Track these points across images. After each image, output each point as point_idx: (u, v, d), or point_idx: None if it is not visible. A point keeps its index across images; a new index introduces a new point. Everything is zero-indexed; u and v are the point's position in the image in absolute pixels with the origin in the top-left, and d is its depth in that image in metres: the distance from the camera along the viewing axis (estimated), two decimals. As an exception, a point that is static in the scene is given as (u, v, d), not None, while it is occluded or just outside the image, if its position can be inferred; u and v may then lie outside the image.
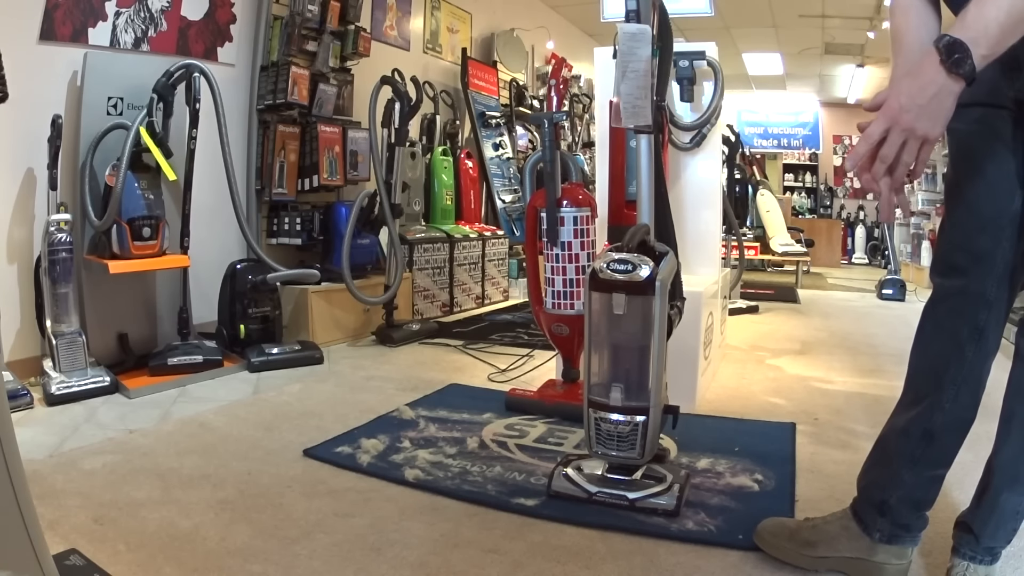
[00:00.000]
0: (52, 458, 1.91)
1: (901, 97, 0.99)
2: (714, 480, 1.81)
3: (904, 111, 0.98)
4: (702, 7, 3.03)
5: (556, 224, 2.34)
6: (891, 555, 1.30)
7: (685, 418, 1.87)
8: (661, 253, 1.65)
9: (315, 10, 3.56)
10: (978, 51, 0.97)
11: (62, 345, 2.51)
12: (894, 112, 0.99)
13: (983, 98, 1.16)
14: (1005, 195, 1.15)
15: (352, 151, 3.88)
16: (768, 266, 7.92)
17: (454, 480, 1.81)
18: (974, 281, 1.18)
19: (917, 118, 0.98)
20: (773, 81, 10.04)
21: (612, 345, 1.66)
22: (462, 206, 5.04)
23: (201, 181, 2.96)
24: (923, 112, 0.98)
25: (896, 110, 0.99)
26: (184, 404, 2.48)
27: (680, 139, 2.76)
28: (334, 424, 2.26)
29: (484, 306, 4.85)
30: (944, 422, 1.22)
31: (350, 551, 1.45)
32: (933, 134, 0.99)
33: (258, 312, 3.14)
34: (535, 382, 2.70)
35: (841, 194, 11.29)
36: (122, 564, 1.37)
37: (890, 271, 5.96)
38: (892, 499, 1.28)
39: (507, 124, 5.62)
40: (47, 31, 2.67)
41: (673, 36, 1.96)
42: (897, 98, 0.99)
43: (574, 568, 1.41)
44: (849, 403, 2.62)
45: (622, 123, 1.72)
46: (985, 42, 0.97)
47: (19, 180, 2.66)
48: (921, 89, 0.98)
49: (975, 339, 1.19)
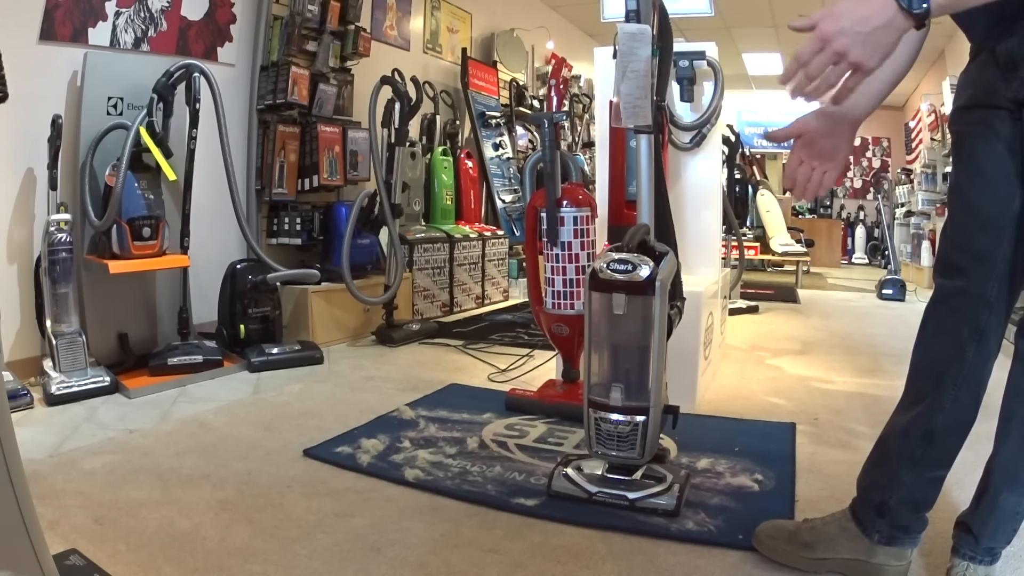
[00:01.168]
0: (52, 458, 1.91)
1: (841, 20, 0.94)
2: (714, 480, 1.81)
3: (841, 34, 0.93)
4: (702, 7, 3.04)
5: (556, 224, 2.34)
6: (890, 556, 1.30)
7: (685, 418, 1.87)
8: (661, 253, 1.65)
9: (315, 10, 3.56)
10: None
11: (62, 345, 2.51)
12: (830, 33, 0.94)
13: (982, 99, 1.16)
14: (1005, 195, 1.15)
15: (352, 151, 3.88)
16: (768, 266, 7.92)
17: (454, 480, 1.81)
18: (975, 282, 1.18)
19: (853, 44, 0.93)
20: (773, 81, 10.04)
21: (612, 345, 1.66)
22: (462, 206, 5.04)
23: (201, 181, 2.96)
24: (861, 40, 0.93)
25: (833, 31, 0.94)
26: (184, 404, 2.48)
27: (680, 139, 2.76)
28: (334, 424, 2.26)
29: (484, 306, 4.86)
30: (945, 423, 1.22)
31: (350, 551, 1.45)
32: (867, 64, 0.94)
33: (258, 312, 3.14)
34: (535, 382, 2.70)
35: (841, 194, 11.29)
36: (122, 564, 1.37)
37: (890, 271, 5.96)
38: (891, 500, 1.28)
39: (507, 124, 5.62)
40: (47, 31, 2.67)
41: (673, 36, 1.96)
42: (836, 20, 0.94)
43: (574, 568, 1.41)
44: (849, 403, 2.62)
45: (622, 123, 1.72)
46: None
47: (19, 180, 2.66)
48: (865, 18, 0.93)
49: (976, 339, 1.19)
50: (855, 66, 0.95)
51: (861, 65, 0.95)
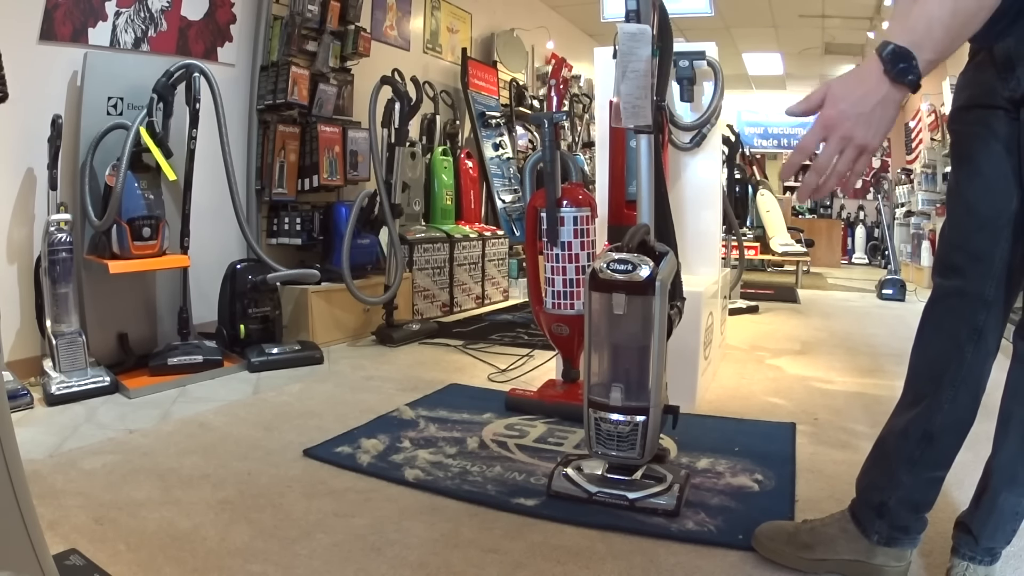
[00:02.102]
0: (52, 458, 1.91)
1: (840, 104, 0.93)
2: (714, 480, 1.81)
3: (844, 118, 0.93)
4: (702, 7, 3.03)
5: (556, 224, 2.34)
6: (890, 557, 1.30)
7: (685, 418, 1.87)
8: (661, 253, 1.65)
9: (315, 10, 3.56)
10: (923, 56, 0.93)
11: (62, 345, 2.51)
12: (832, 119, 0.93)
13: (980, 100, 1.16)
14: (1003, 195, 1.15)
15: (352, 151, 3.88)
16: (768, 266, 7.92)
17: (454, 480, 1.81)
18: (972, 281, 1.18)
19: (856, 126, 0.93)
20: (773, 81, 10.04)
21: (612, 345, 1.66)
22: (462, 206, 5.04)
23: (201, 181, 2.96)
24: (864, 120, 0.93)
25: (835, 117, 0.93)
26: (184, 404, 2.48)
27: (680, 139, 2.76)
28: (334, 424, 2.26)
29: (484, 306, 4.85)
30: (943, 423, 1.22)
31: (350, 551, 1.45)
32: (873, 144, 0.93)
33: (258, 312, 3.14)
34: (535, 382, 2.70)
35: (841, 194, 11.27)
36: (122, 564, 1.37)
37: (890, 271, 5.96)
38: (891, 501, 1.28)
39: (507, 124, 5.62)
40: (47, 31, 2.67)
41: (673, 36, 1.96)
42: (836, 105, 0.94)
43: (574, 568, 1.41)
44: (849, 403, 2.62)
45: (622, 123, 1.72)
46: (931, 46, 0.93)
47: (19, 180, 2.66)
48: (863, 97, 0.93)
49: (974, 339, 1.19)
50: (862, 148, 0.93)
51: (867, 146, 0.93)
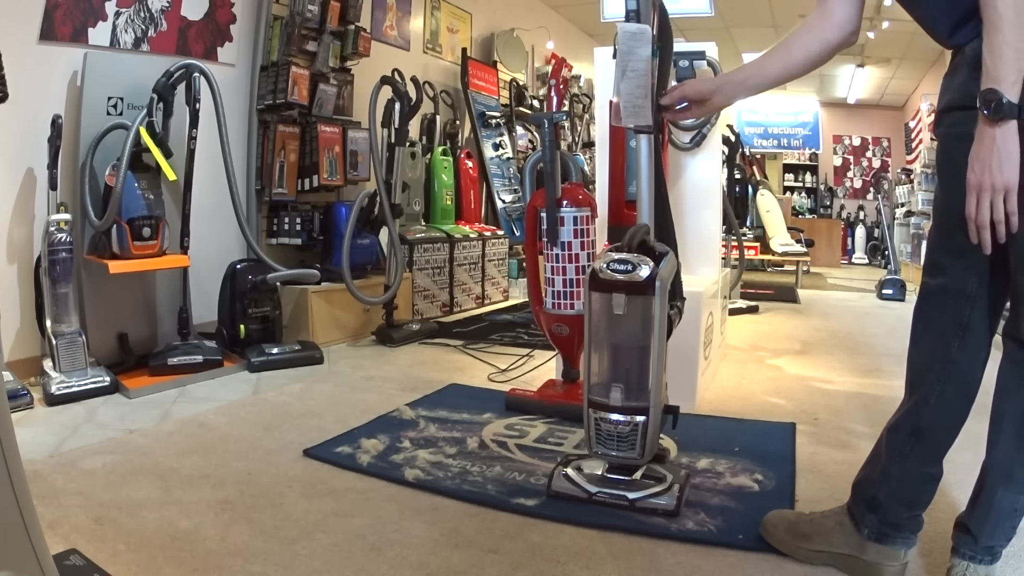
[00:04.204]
0: (52, 458, 1.91)
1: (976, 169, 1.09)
2: (714, 480, 1.81)
3: (983, 176, 1.08)
4: (702, 7, 3.03)
5: (556, 224, 2.34)
6: (881, 555, 1.31)
7: (685, 418, 1.87)
8: (661, 253, 1.65)
9: (315, 10, 3.56)
10: (1007, 83, 1.03)
11: (62, 345, 2.51)
12: (976, 184, 1.09)
13: (958, 102, 1.18)
14: None
15: (352, 151, 3.88)
16: (768, 266, 7.92)
17: (454, 480, 1.81)
18: (955, 278, 1.21)
19: (994, 175, 1.07)
20: (773, 81, 10.02)
21: (612, 345, 1.66)
22: (462, 206, 5.04)
23: (201, 181, 2.96)
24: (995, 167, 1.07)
25: (977, 183, 1.09)
26: (184, 404, 2.48)
27: (680, 139, 2.76)
28: (334, 424, 2.26)
29: (484, 306, 4.85)
30: (931, 418, 1.24)
31: (350, 551, 1.45)
32: (1012, 181, 1.07)
33: (258, 312, 3.14)
34: (535, 382, 2.70)
35: (841, 194, 11.29)
36: (122, 564, 1.37)
37: (890, 271, 5.96)
38: (881, 495, 1.30)
39: (507, 124, 5.62)
40: (47, 31, 2.67)
41: (673, 36, 1.96)
42: (975, 174, 1.09)
43: (574, 568, 1.41)
44: (849, 403, 2.62)
45: (622, 123, 1.72)
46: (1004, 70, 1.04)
47: (19, 180, 2.66)
48: (987, 151, 1.07)
49: (959, 335, 1.21)
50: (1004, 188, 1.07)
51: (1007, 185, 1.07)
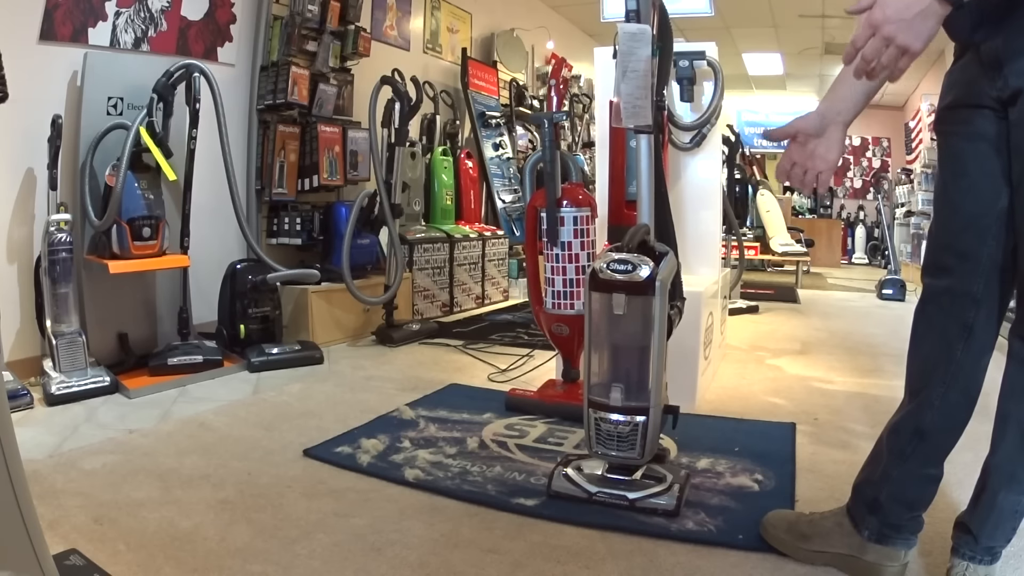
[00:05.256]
0: (52, 458, 1.91)
1: (887, 8, 1.02)
2: (714, 480, 1.81)
3: (887, 21, 1.02)
4: (702, 7, 3.03)
5: (556, 224, 2.34)
6: (882, 556, 1.30)
7: (685, 418, 1.87)
8: (661, 253, 1.65)
9: (315, 10, 3.56)
10: None
11: (62, 345, 2.51)
12: (877, 21, 1.03)
13: (966, 100, 1.17)
14: (989, 194, 1.16)
15: (352, 151, 3.88)
16: (768, 266, 7.92)
17: (454, 480, 1.81)
18: (960, 280, 1.20)
19: (899, 30, 1.01)
20: (773, 81, 10.04)
21: (612, 345, 1.66)
22: (462, 206, 5.04)
23: (201, 181, 2.96)
24: (905, 26, 1.01)
25: (879, 20, 1.03)
26: (184, 404, 2.48)
27: (680, 139, 2.76)
28: (334, 424, 2.26)
29: (484, 306, 4.85)
30: (934, 420, 1.24)
31: (350, 551, 1.45)
32: (914, 47, 1.02)
33: (258, 312, 3.14)
34: (535, 382, 2.70)
35: (841, 194, 11.30)
36: (122, 564, 1.37)
37: (890, 271, 5.96)
38: (882, 496, 1.29)
39: (507, 124, 5.61)
40: (47, 31, 2.67)
41: (673, 36, 1.96)
42: (883, 9, 1.02)
43: (574, 568, 1.41)
44: (849, 403, 2.62)
45: (622, 123, 1.72)
46: None
47: (19, 180, 2.66)
48: (908, 5, 1.01)
49: (964, 337, 1.20)
50: (902, 49, 1.02)
51: (907, 48, 1.02)
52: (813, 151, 1.27)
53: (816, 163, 1.27)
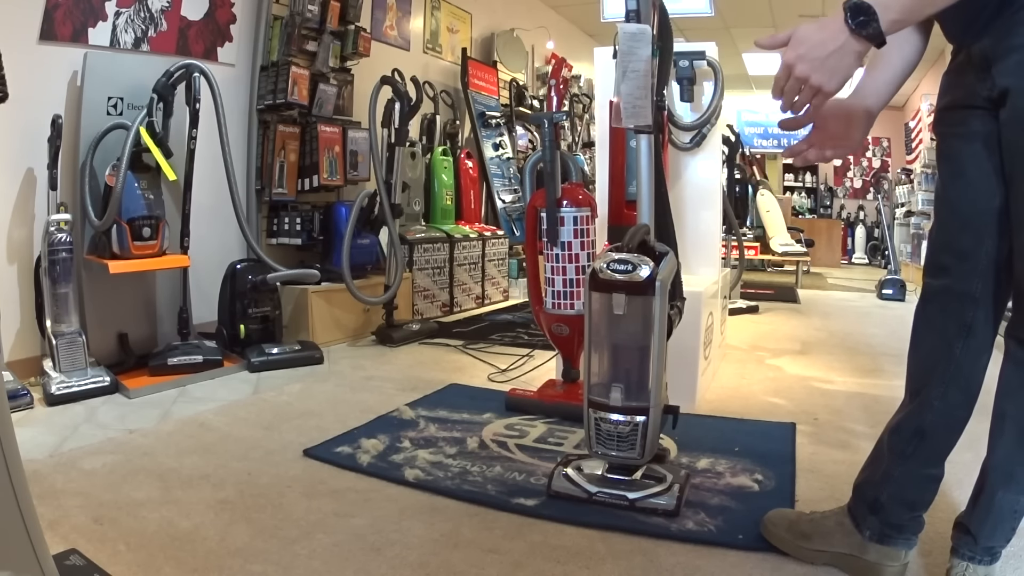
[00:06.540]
0: (52, 458, 1.91)
1: (800, 46, 1.00)
2: (714, 480, 1.81)
3: (800, 60, 1.00)
4: (702, 7, 3.04)
5: (556, 224, 2.34)
6: (883, 555, 1.30)
7: (685, 418, 1.87)
8: (661, 253, 1.65)
9: (315, 10, 3.56)
10: (888, 15, 0.98)
11: (62, 345, 2.51)
12: (790, 60, 1.01)
13: (961, 101, 1.18)
14: (985, 193, 1.17)
15: (352, 151, 3.88)
16: (768, 266, 7.92)
17: (454, 480, 1.81)
18: (959, 279, 1.21)
19: (813, 70, 1.00)
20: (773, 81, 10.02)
21: (612, 345, 1.66)
22: (462, 206, 5.04)
23: (201, 181, 2.96)
24: (820, 66, 0.99)
25: (792, 59, 1.01)
26: (184, 404, 2.48)
27: (680, 139, 2.76)
28: (334, 424, 2.26)
29: (484, 306, 4.85)
30: (934, 420, 1.24)
31: (350, 551, 1.46)
32: (828, 87, 1.00)
33: (258, 312, 3.14)
34: (535, 382, 2.70)
35: (841, 194, 11.30)
36: (122, 564, 1.37)
37: (890, 271, 5.96)
38: (883, 496, 1.30)
39: (507, 124, 5.61)
40: (47, 31, 2.67)
41: (673, 36, 1.96)
42: (796, 48, 1.00)
43: (574, 568, 1.41)
44: (849, 403, 2.62)
45: (622, 123, 1.72)
46: (897, 6, 0.98)
47: (19, 180, 2.66)
48: (822, 43, 0.99)
49: (963, 336, 1.21)
50: (816, 90, 1.01)
51: (821, 89, 1.01)
52: (833, 134, 1.22)
53: (834, 145, 1.22)
